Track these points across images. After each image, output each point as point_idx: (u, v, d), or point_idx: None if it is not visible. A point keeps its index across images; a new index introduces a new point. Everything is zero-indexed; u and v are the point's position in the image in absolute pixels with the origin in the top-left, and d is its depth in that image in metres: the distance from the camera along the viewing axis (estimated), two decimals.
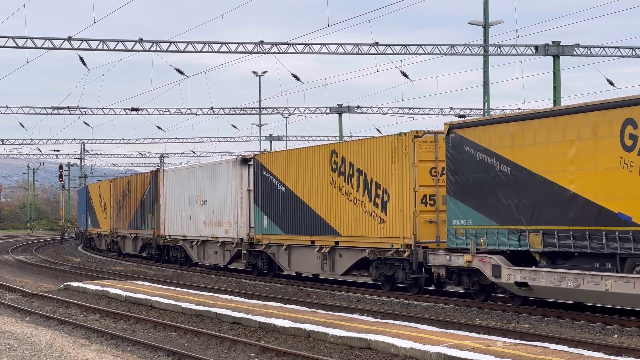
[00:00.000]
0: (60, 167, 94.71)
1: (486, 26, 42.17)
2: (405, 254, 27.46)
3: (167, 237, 46.24)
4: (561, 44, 42.28)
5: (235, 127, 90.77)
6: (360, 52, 41.43)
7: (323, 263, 31.86)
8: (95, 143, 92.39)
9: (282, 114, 74.00)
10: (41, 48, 39.44)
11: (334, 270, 31.58)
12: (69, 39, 39.44)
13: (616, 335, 19.72)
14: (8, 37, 38.95)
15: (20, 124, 73.40)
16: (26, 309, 26.87)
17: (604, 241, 21.11)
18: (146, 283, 32.79)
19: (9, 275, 41.26)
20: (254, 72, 79.37)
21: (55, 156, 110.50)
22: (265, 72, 79.55)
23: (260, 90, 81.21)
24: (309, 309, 23.03)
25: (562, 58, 42.35)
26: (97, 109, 65.34)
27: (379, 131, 74.05)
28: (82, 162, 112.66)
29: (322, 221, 31.75)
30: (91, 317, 24.85)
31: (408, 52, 41.90)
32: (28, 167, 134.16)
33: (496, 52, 42.32)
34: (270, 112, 71.08)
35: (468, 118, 26.16)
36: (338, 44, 41.13)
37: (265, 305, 23.39)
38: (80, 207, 75.79)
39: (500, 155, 23.84)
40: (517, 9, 44.07)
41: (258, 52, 41.45)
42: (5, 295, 31.94)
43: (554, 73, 42.29)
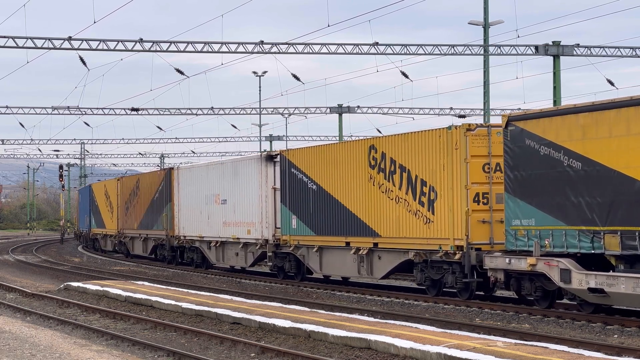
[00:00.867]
0: (60, 167, 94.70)
1: (486, 26, 42.17)
2: (456, 257, 25.58)
3: (182, 238, 44.25)
4: (561, 44, 42.30)
5: (235, 127, 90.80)
6: (360, 52, 41.45)
7: (360, 266, 29.97)
8: (95, 143, 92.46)
9: (282, 114, 74.02)
10: (41, 48, 39.46)
11: (372, 273, 29.65)
12: (69, 39, 39.44)
13: (616, 335, 19.72)
14: (8, 37, 38.97)
15: (20, 124, 73.51)
16: (26, 309, 26.86)
17: None
18: (146, 283, 32.78)
19: (9, 275, 41.26)
20: (254, 72, 79.40)
21: (55, 156, 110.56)
22: (265, 72, 79.57)
23: (260, 90, 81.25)
24: (309, 309, 23.03)
25: (562, 58, 42.38)
26: (97, 109, 65.41)
27: (379, 131, 74.08)
28: (82, 162, 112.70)
29: (359, 221, 29.87)
30: (91, 317, 24.85)
31: (408, 52, 41.93)
32: (28, 167, 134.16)
33: (496, 52, 42.34)
34: (270, 112, 71.12)
35: (529, 109, 25.28)
36: (338, 44, 41.15)
37: (266, 305, 23.39)
38: (83, 206, 73.50)
39: (569, 149, 21.96)
40: (517, 9, 44.12)
41: (258, 52, 41.47)
42: (5, 295, 31.94)
43: (554, 73, 42.30)
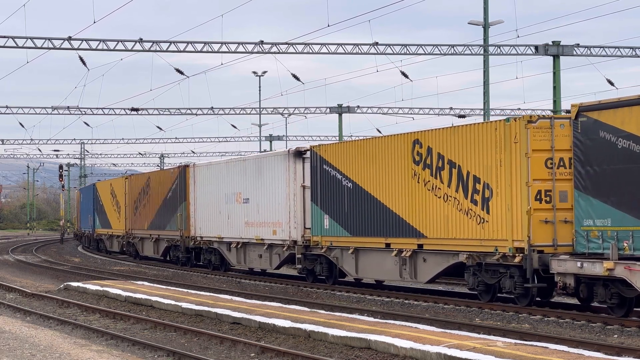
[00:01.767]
0: (60, 167, 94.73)
1: (486, 26, 42.18)
2: (516, 260, 23.62)
3: (199, 238, 42.05)
4: (561, 44, 42.30)
5: (235, 127, 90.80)
6: (360, 52, 41.45)
7: (402, 269, 28.01)
8: (95, 143, 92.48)
9: (282, 114, 74.02)
10: (41, 48, 39.47)
11: (416, 277, 27.68)
12: (69, 39, 39.45)
13: (616, 335, 19.72)
14: (8, 37, 38.98)
15: (20, 124, 73.51)
16: (26, 309, 26.86)
17: None
18: (146, 283, 32.78)
19: (9, 275, 41.25)
20: (254, 72, 79.45)
21: (55, 156, 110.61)
22: (265, 72, 79.61)
23: (260, 90, 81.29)
24: (309, 309, 23.03)
25: (562, 58, 42.39)
26: (97, 109, 65.40)
27: (379, 131, 74.09)
28: (82, 162, 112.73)
29: (401, 221, 27.94)
30: (91, 317, 24.85)
31: (408, 52, 41.94)
32: (28, 167, 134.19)
33: (496, 52, 42.34)
34: (270, 112, 71.11)
35: (605, 99, 22.04)
36: (338, 44, 41.15)
37: (265, 305, 23.38)
38: (85, 206, 71.01)
39: None
40: (517, 9, 44.01)
41: (258, 52, 41.47)
42: (5, 295, 31.94)
43: (554, 73, 42.30)
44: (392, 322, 20.00)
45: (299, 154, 33.62)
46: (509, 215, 23.97)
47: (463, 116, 67.93)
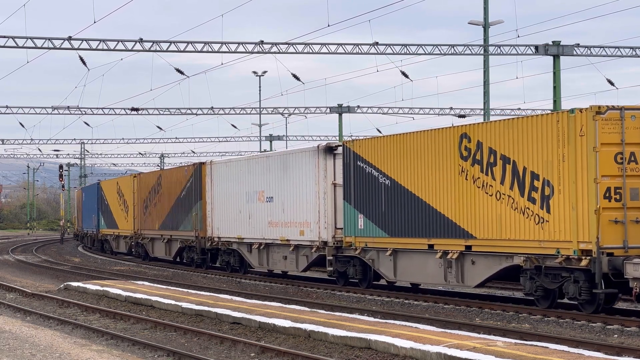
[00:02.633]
0: (60, 167, 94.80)
1: (486, 26, 42.19)
2: (582, 263, 21.82)
3: (216, 239, 40.12)
4: (561, 44, 42.30)
5: (235, 127, 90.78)
6: (360, 52, 41.44)
7: (447, 272, 26.17)
8: (95, 143, 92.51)
9: (282, 114, 74.06)
10: (41, 48, 39.48)
11: (464, 280, 25.83)
12: (69, 39, 39.45)
13: (616, 335, 19.72)
14: (8, 37, 38.98)
15: (20, 124, 73.56)
16: (26, 309, 26.87)
17: None
18: (146, 283, 32.78)
19: (9, 275, 41.26)
20: (254, 72, 79.49)
21: (55, 156, 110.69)
22: (265, 72, 79.64)
23: (260, 90, 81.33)
24: (309, 309, 23.03)
25: (562, 58, 42.39)
26: (97, 109, 65.42)
27: (379, 131, 74.09)
28: (82, 162, 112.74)
29: (447, 221, 26.10)
30: (91, 317, 24.85)
31: (408, 52, 41.94)
32: (28, 167, 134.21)
33: (496, 52, 42.35)
34: (270, 112, 71.13)
35: None
36: (338, 44, 41.15)
37: (266, 305, 23.38)
38: (88, 206, 68.61)
39: None
40: (517, 9, 44.00)
41: (258, 52, 41.48)
42: (5, 295, 31.94)
43: (554, 73, 42.31)
44: (392, 322, 20.01)
45: (329, 149, 31.87)
46: (574, 214, 22.16)
47: (463, 116, 67.98)
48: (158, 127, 77.90)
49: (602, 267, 21.41)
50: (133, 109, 63.78)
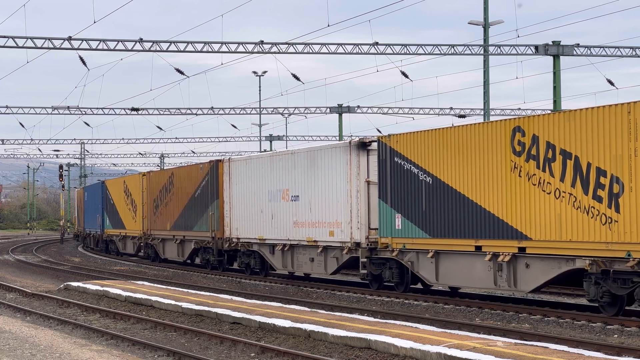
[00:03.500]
0: (60, 167, 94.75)
1: (486, 26, 42.19)
2: None
3: (235, 240, 38.30)
4: (561, 44, 42.32)
5: (235, 127, 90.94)
6: (360, 52, 41.45)
7: (497, 276, 24.40)
8: (95, 143, 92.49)
9: (282, 114, 74.03)
10: (41, 48, 39.47)
11: (516, 285, 24.01)
12: (69, 39, 39.45)
13: (616, 335, 19.73)
14: (8, 37, 38.97)
15: (20, 124, 73.57)
16: (26, 309, 26.87)
17: None
18: (146, 283, 32.78)
19: (9, 275, 41.26)
20: (254, 72, 79.53)
21: (55, 156, 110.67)
22: (265, 72, 79.67)
23: (260, 90, 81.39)
24: (309, 309, 23.03)
25: (562, 58, 42.38)
26: (97, 109, 65.40)
27: (379, 131, 74.10)
28: (82, 162, 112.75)
29: (497, 220, 24.39)
30: (91, 317, 24.85)
31: (408, 52, 41.93)
32: (28, 167, 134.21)
33: (496, 52, 42.34)
34: (270, 112, 71.13)
35: None
36: (338, 44, 41.15)
37: (266, 305, 23.38)
38: (91, 205, 66.87)
39: None
40: (517, 9, 44.02)
41: (258, 52, 41.47)
42: (5, 295, 31.94)
43: (554, 73, 42.31)
44: (392, 322, 20.00)
45: (362, 145, 30.01)
46: None
47: (463, 116, 67.98)
48: (158, 127, 77.91)
49: None
50: (133, 109, 63.76)
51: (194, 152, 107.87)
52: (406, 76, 47.73)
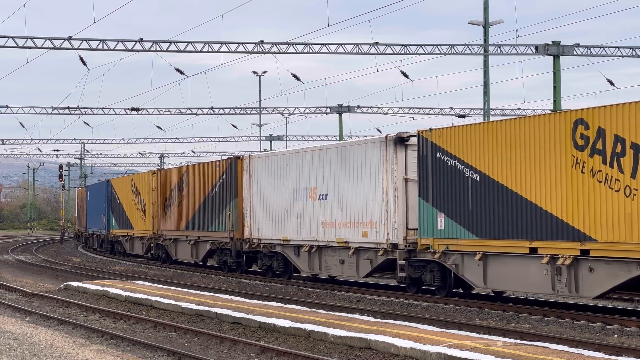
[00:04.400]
0: (60, 167, 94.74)
1: (486, 26, 42.20)
2: None
3: (256, 241, 36.51)
4: (561, 44, 42.33)
5: (235, 127, 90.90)
6: (360, 52, 41.45)
7: (555, 280, 22.66)
8: (95, 143, 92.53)
9: (282, 114, 74.04)
10: (41, 48, 39.49)
11: (578, 290, 22.29)
12: (69, 38, 39.45)
13: (616, 335, 19.73)
14: (8, 37, 38.99)
15: (20, 124, 73.59)
16: (26, 309, 26.87)
17: None
18: (146, 283, 32.78)
19: (9, 275, 41.26)
20: (254, 72, 79.56)
21: (55, 156, 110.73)
22: (265, 72, 79.70)
23: (260, 90, 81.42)
24: (309, 309, 23.03)
25: (562, 58, 42.40)
26: (97, 108, 65.42)
27: (379, 131, 74.12)
28: (82, 162, 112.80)
29: (555, 220, 22.57)
30: (91, 317, 24.85)
31: (408, 52, 41.94)
32: (28, 167, 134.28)
33: (496, 52, 42.36)
34: (270, 112, 71.13)
35: None
36: (338, 44, 41.16)
37: (266, 305, 23.38)
38: (95, 205, 65.25)
39: None
40: (517, 9, 44.01)
41: (258, 52, 41.47)
42: (5, 295, 31.94)
43: (554, 73, 42.31)
44: (392, 322, 20.00)
45: (400, 140, 28.12)
46: None
47: (463, 116, 67.98)
48: (158, 127, 77.95)
49: None
50: (133, 109, 63.76)
51: (194, 152, 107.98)
52: (406, 76, 47.76)
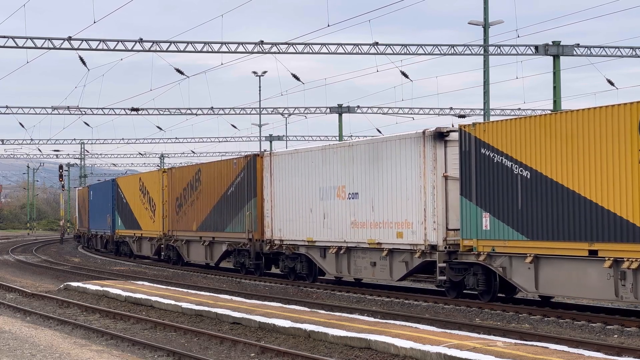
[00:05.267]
0: (60, 167, 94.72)
1: (486, 26, 42.19)
2: None
3: (277, 242, 35.00)
4: (561, 44, 42.33)
5: (235, 127, 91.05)
6: (360, 52, 41.44)
7: (618, 285, 21.15)
8: (95, 143, 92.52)
9: (282, 114, 74.01)
10: (41, 48, 39.47)
11: None
12: (69, 39, 39.44)
13: (616, 335, 19.73)
14: (8, 37, 38.97)
15: (20, 124, 73.58)
16: (26, 309, 26.86)
17: None
18: (146, 283, 32.78)
19: (9, 275, 41.26)
20: (254, 72, 79.50)
21: (55, 156, 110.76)
22: (265, 72, 79.66)
23: (260, 90, 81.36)
24: (309, 309, 23.03)
25: (562, 58, 42.40)
26: (97, 109, 65.42)
27: (379, 131, 74.12)
28: (82, 162, 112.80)
29: (619, 221, 20.99)
30: (91, 317, 24.85)
31: (408, 52, 41.93)
32: (28, 167, 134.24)
33: (496, 52, 42.35)
34: (270, 112, 71.14)
35: None
36: (338, 44, 41.15)
37: (266, 305, 23.38)
38: (98, 205, 63.87)
39: None
40: (517, 9, 44.01)
41: (258, 52, 41.46)
42: (5, 295, 31.94)
43: (554, 73, 42.31)
44: (392, 322, 20.00)
45: (439, 135, 26.64)
46: None
47: (463, 116, 67.99)
48: (158, 127, 77.95)
49: None
50: (133, 109, 63.76)
51: (194, 152, 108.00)
52: (406, 76, 47.76)
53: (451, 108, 69.00)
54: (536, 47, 42.18)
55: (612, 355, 15.75)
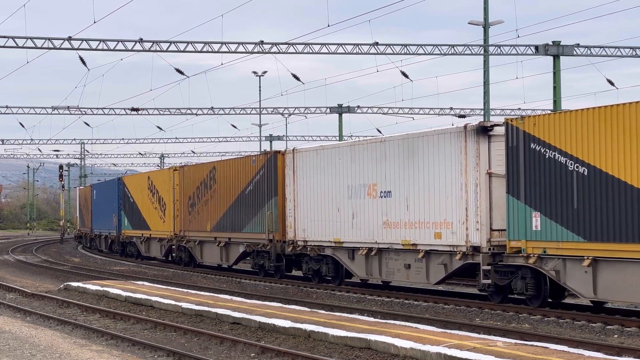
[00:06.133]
0: (60, 167, 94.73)
1: (486, 26, 42.20)
2: None
3: (301, 243, 33.33)
4: (561, 44, 42.34)
5: (235, 127, 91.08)
6: (360, 52, 41.45)
7: None
8: (95, 143, 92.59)
9: (282, 114, 74.03)
10: (41, 48, 39.48)
11: None
12: (69, 39, 39.45)
13: (616, 336, 19.73)
14: (8, 37, 38.98)
15: (20, 124, 73.61)
16: (26, 309, 26.87)
17: None
18: (146, 283, 32.78)
19: (9, 275, 41.26)
20: (254, 72, 79.54)
21: (55, 156, 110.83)
22: (265, 72, 79.70)
23: (260, 90, 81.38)
24: (309, 309, 23.03)
25: (562, 58, 42.42)
26: (97, 109, 65.44)
27: (379, 131, 74.12)
28: (82, 162, 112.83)
29: None
30: (91, 317, 24.85)
31: (408, 52, 41.95)
32: (28, 167, 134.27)
33: (496, 52, 42.36)
34: (270, 112, 71.17)
35: None
36: (338, 44, 41.16)
37: (266, 305, 23.38)
38: (102, 205, 62.50)
39: None
40: (517, 9, 44.02)
41: (258, 52, 41.47)
42: (5, 295, 31.94)
43: (554, 73, 42.32)
44: (392, 322, 20.00)
45: (483, 130, 25.16)
46: None
47: (463, 116, 68.00)
48: (158, 127, 77.98)
49: None
50: (133, 109, 63.77)
51: (194, 152, 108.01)
52: (406, 76, 47.78)
53: (451, 108, 69.02)
54: (536, 47, 42.19)
55: (612, 355, 15.75)
